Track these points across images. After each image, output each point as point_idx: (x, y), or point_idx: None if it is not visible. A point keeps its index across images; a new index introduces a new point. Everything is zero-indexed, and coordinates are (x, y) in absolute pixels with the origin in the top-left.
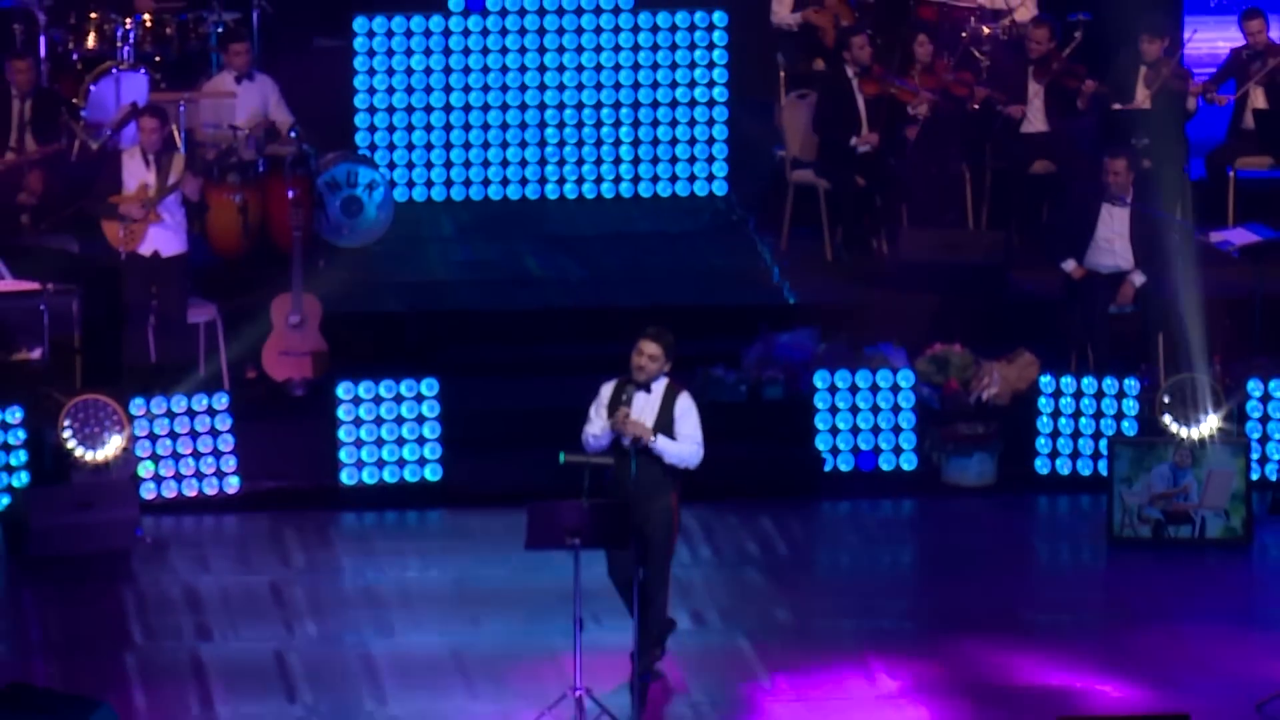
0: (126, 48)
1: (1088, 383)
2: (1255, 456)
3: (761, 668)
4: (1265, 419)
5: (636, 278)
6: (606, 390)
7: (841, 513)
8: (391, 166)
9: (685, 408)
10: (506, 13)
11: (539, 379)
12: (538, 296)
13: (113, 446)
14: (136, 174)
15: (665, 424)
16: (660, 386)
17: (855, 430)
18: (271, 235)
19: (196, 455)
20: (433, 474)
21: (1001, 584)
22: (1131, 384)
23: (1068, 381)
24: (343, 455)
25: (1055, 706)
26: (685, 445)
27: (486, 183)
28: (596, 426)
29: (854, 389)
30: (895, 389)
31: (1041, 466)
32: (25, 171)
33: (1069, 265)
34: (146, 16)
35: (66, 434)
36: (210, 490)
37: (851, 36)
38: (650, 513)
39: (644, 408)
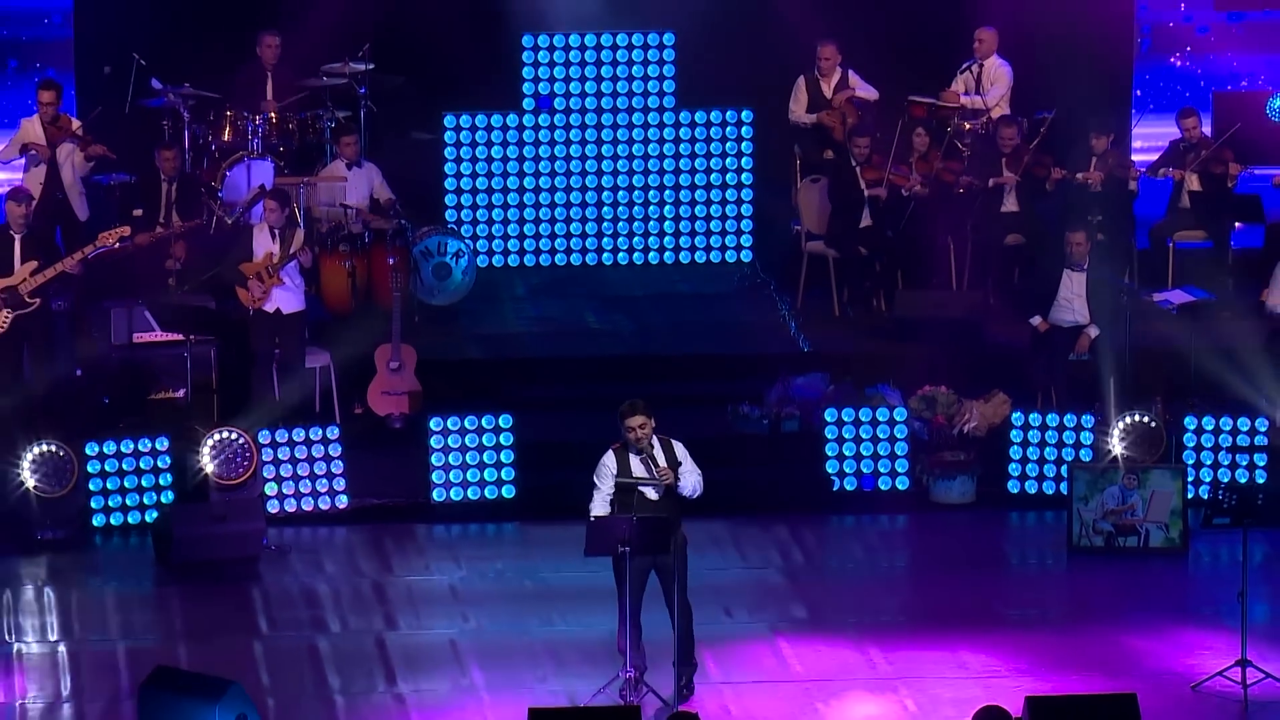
0: (256, 140)
1: (1051, 418)
2: (1190, 479)
3: (781, 654)
4: (1199, 449)
5: (677, 330)
6: (610, 459)
7: (847, 525)
8: (474, 238)
9: (683, 450)
10: (570, 111)
11: (596, 414)
12: (595, 346)
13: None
14: (263, 245)
15: (672, 467)
16: (655, 440)
17: (859, 457)
18: (375, 295)
19: (312, 477)
20: (508, 493)
21: (980, 585)
22: (1087, 419)
23: (1035, 417)
24: (434, 477)
25: (1025, 687)
26: (693, 476)
27: (553, 251)
28: (602, 495)
29: (857, 423)
30: (892, 423)
31: (1013, 487)
32: (172, 242)
33: (1036, 320)
34: (272, 114)
35: (205, 459)
36: (324, 506)
37: (856, 137)
38: (674, 542)
39: (646, 466)
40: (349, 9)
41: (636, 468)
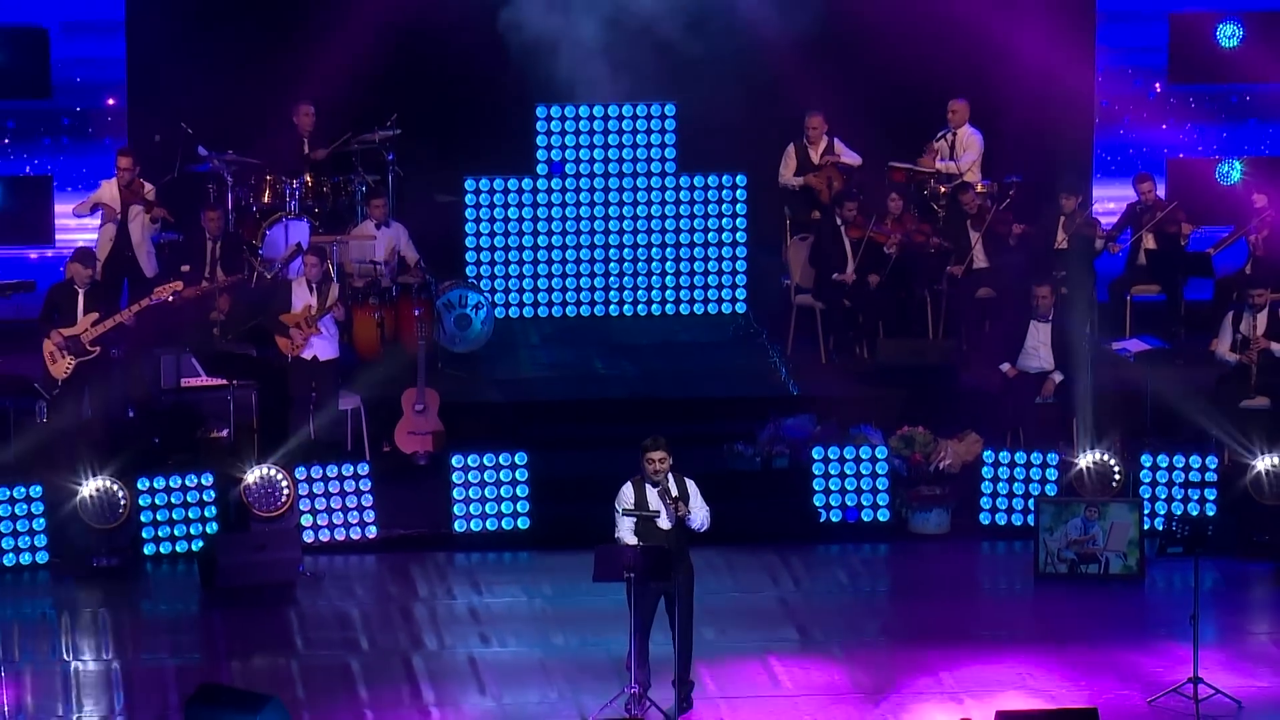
0: (293, 202)
1: (1019, 456)
2: (1146, 512)
3: (773, 671)
4: (1154, 484)
5: (677, 375)
6: (628, 491)
7: (833, 553)
8: (492, 291)
9: (694, 488)
10: (580, 175)
11: (604, 452)
12: (602, 389)
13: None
14: (301, 298)
15: (684, 499)
16: (670, 476)
17: (843, 491)
18: (402, 343)
19: (344, 509)
20: (523, 524)
21: (954, 608)
22: (1053, 457)
23: (1004, 455)
24: (455, 509)
25: (996, 702)
26: (701, 511)
27: (564, 303)
28: (627, 524)
29: (842, 460)
30: (873, 460)
31: (984, 519)
32: (216, 296)
33: (1005, 367)
34: (308, 178)
35: (246, 494)
36: (355, 536)
37: (843, 199)
38: (680, 567)
39: (659, 498)
40: (378, 81)
41: (652, 500)
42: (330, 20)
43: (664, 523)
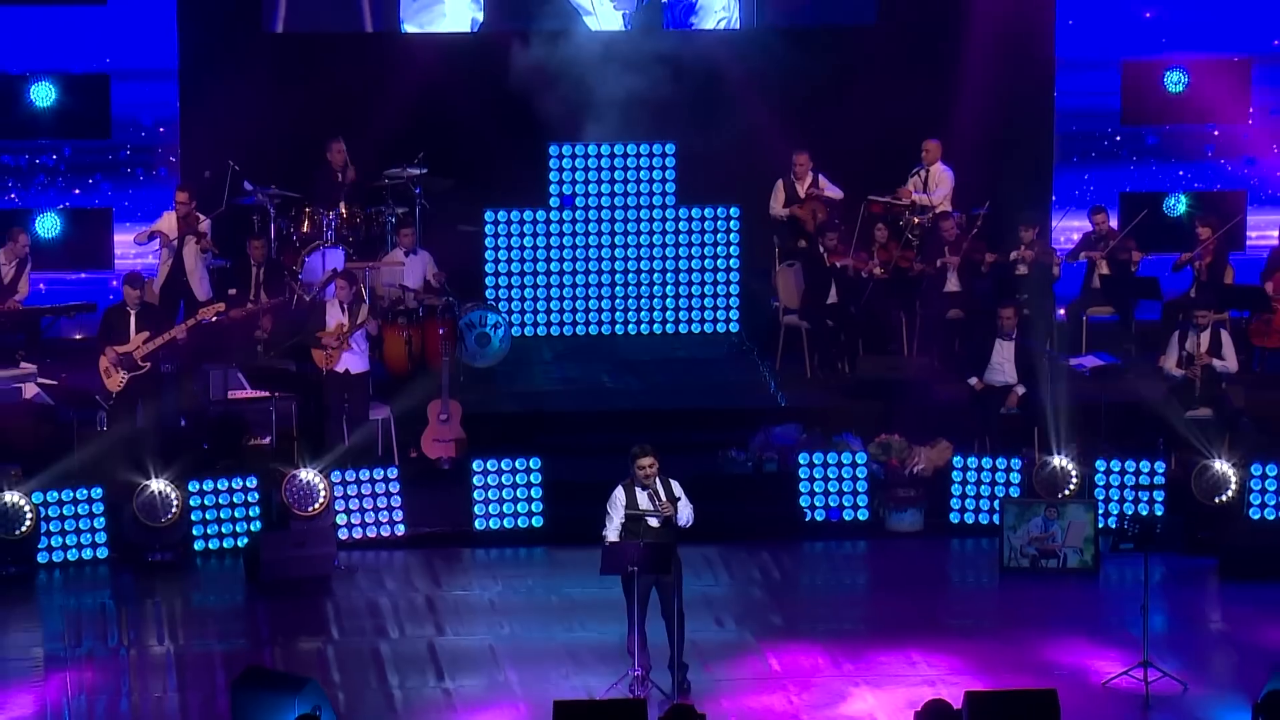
0: (330, 232)
1: (986, 461)
2: (1101, 512)
3: (763, 656)
4: (1108, 486)
5: (677, 388)
6: (619, 493)
7: (817, 550)
8: (510, 312)
9: (679, 488)
10: (589, 207)
11: (610, 457)
12: (609, 401)
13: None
14: (334, 317)
15: (671, 501)
16: (657, 478)
17: (826, 493)
18: (428, 359)
19: (375, 509)
20: (537, 522)
21: (927, 599)
22: (1016, 462)
23: (972, 460)
24: (476, 510)
25: (965, 684)
26: (685, 509)
27: (574, 323)
28: (614, 524)
29: (825, 465)
30: (854, 465)
31: (954, 518)
32: (260, 316)
33: (973, 380)
34: (343, 210)
35: (287, 495)
36: (384, 533)
37: (826, 230)
38: (674, 559)
39: (650, 499)
40: (406, 123)
41: (642, 501)
42: (363, 68)
43: (653, 521)
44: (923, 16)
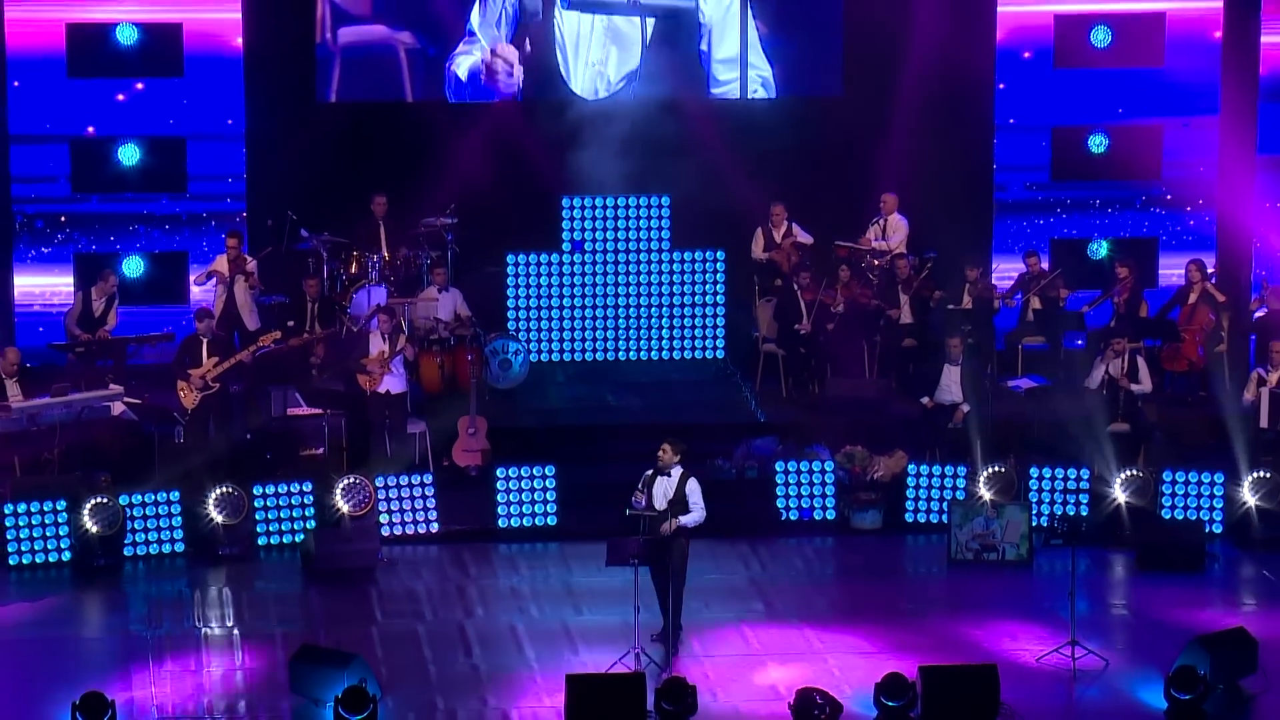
0: (374, 272)
1: (936, 469)
2: (1034, 512)
3: (745, 635)
4: (1040, 490)
5: (671, 406)
6: (647, 474)
7: (791, 545)
8: (528, 341)
9: (692, 487)
10: (596, 250)
11: (614, 464)
12: (613, 417)
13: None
14: (378, 345)
15: (680, 498)
16: (677, 473)
17: (799, 496)
18: (458, 382)
19: (413, 510)
20: (552, 521)
21: (885, 586)
22: (961, 470)
23: (924, 468)
24: (499, 510)
25: (918, 659)
26: (694, 514)
27: (584, 350)
28: (641, 495)
29: (798, 471)
30: (823, 472)
31: (909, 517)
32: (314, 345)
33: (924, 400)
34: (385, 254)
35: (338, 498)
36: (421, 530)
37: (799, 270)
38: (674, 550)
39: (667, 488)
40: (439, 178)
41: (656, 490)
42: (404, 132)
43: (660, 505)
44: (882, 89)
